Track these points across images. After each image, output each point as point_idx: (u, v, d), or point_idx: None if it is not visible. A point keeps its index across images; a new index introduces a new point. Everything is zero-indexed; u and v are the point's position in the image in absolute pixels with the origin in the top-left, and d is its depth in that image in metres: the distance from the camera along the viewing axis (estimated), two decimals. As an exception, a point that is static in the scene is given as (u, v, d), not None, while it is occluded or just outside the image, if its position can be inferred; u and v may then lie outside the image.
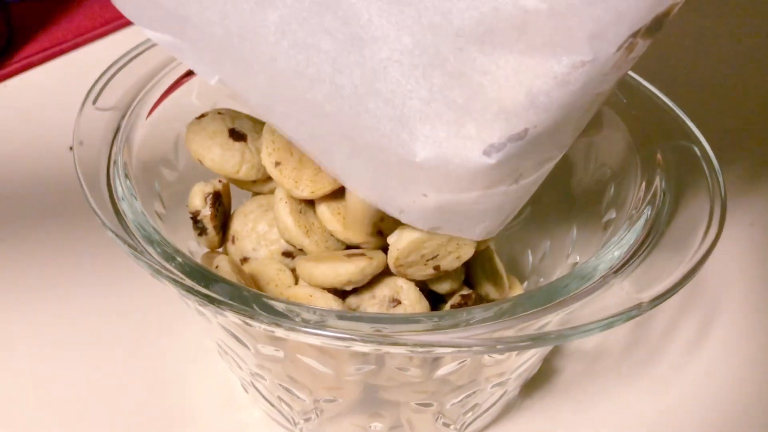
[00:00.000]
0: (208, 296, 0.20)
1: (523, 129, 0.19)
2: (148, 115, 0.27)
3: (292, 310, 0.20)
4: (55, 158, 0.43)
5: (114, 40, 0.55)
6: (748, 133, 0.47)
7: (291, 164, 0.24)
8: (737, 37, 0.58)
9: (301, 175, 0.24)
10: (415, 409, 0.26)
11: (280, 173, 0.24)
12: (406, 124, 0.19)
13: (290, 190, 0.24)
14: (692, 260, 0.21)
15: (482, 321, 0.20)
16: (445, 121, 0.19)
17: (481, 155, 0.19)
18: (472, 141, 0.19)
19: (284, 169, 0.24)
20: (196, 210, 0.26)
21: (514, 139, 0.19)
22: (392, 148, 0.20)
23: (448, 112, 0.19)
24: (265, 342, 0.23)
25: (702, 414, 0.30)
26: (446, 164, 0.19)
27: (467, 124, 0.19)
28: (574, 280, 0.21)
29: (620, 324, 0.20)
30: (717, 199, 0.23)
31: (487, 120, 0.19)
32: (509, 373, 0.25)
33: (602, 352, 0.33)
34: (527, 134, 0.19)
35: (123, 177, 0.24)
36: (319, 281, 0.23)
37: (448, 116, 0.19)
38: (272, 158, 0.24)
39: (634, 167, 0.26)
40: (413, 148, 0.19)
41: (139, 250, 0.22)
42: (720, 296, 0.35)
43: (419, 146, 0.19)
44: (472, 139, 0.19)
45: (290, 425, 0.28)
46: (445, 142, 0.19)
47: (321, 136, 0.21)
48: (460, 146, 0.19)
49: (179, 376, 0.31)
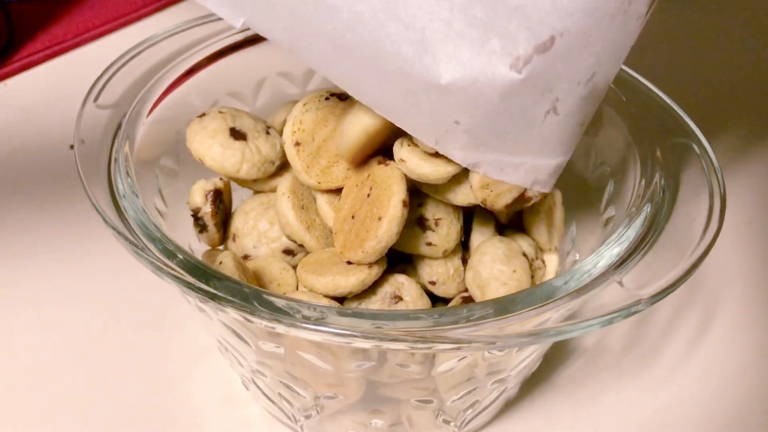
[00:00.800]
0: (209, 293, 0.20)
1: (548, 37, 0.18)
2: (149, 114, 0.27)
3: (292, 306, 0.20)
4: (57, 156, 0.43)
5: (114, 40, 0.55)
6: (747, 132, 0.47)
7: (309, 149, 0.25)
8: (737, 35, 0.58)
9: (315, 163, 0.25)
10: (415, 406, 0.26)
11: (296, 153, 0.24)
12: (429, 47, 0.19)
13: (299, 173, 0.25)
14: (691, 257, 0.21)
15: (482, 318, 0.20)
16: (468, 40, 0.18)
17: (508, 70, 0.19)
18: (497, 56, 0.18)
19: (302, 152, 0.24)
20: (197, 207, 0.26)
21: (541, 49, 0.18)
22: (416, 74, 0.19)
23: (470, 30, 0.18)
24: (265, 339, 0.23)
25: (701, 411, 0.30)
26: (473, 84, 0.19)
27: (491, 40, 0.18)
28: (574, 277, 0.21)
29: (620, 320, 0.20)
30: (716, 197, 0.23)
31: (511, 31, 0.18)
32: (509, 370, 0.25)
33: (602, 350, 0.33)
34: (554, 43, 0.18)
35: (124, 175, 0.24)
36: (320, 292, 0.24)
37: (471, 34, 0.18)
38: (295, 137, 0.25)
39: (634, 165, 0.26)
40: (438, 71, 0.19)
41: (141, 247, 0.22)
42: (719, 293, 0.35)
43: (443, 68, 0.19)
44: (497, 54, 0.18)
45: (291, 422, 0.28)
46: (470, 62, 0.19)
47: (346, 68, 0.21)
48: (485, 63, 0.19)
49: (180, 374, 0.31)
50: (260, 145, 0.27)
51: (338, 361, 0.23)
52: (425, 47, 0.19)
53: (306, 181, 0.25)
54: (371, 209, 0.23)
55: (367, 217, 0.23)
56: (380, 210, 0.23)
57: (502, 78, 0.19)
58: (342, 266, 0.24)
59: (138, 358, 0.32)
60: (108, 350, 0.32)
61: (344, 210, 0.24)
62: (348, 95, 0.26)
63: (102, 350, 0.32)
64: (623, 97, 0.28)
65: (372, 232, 0.23)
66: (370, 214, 0.23)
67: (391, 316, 0.20)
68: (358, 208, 0.24)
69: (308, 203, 0.26)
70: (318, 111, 0.25)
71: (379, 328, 0.19)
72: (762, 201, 0.41)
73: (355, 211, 0.24)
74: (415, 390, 0.25)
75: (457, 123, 0.20)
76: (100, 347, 0.32)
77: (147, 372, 0.31)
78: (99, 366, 0.32)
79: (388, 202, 0.23)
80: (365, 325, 0.19)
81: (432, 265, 0.26)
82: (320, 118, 0.25)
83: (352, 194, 0.24)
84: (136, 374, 0.31)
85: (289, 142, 0.25)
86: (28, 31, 0.55)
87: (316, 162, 0.25)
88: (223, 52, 0.31)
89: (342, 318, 0.19)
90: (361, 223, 0.23)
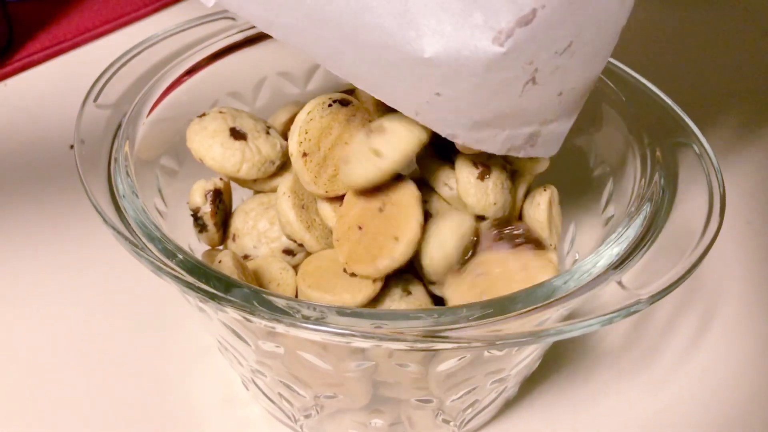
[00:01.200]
0: (208, 293, 0.20)
1: (530, 10, 0.18)
2: (149, 114, 0.27)
3: (292, 306, 0.20)
4: (57, 156, 0.43)
5: (114, 40, 0.55)
6: (747, 132, 0.47)
7: (316, 159, 0.25)
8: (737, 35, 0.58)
9: (322, 172, 0.25)
10: (415, 406, 0.26)
11: (304, 164, 0.24)
12: (412, 20, 0.19)
13: (307, 183, 0.25)
14: (691, 257, 0.21)
15: (482, 317, 0.20)
16: (451, 13, 0.19)
17: (491, 44, 0.19)
18: (480, 30, 0.19)
19: (309, 162, 0.25)
20: (197, 207, 0.26)
21: (522, 22, 0.18)
22: (398, 46, 0.19)
23: (453, 3, 0.19)
24: (265, 338, 0.23)
25: (701, 411, 0.30)
26: (456, 58, 0.19)
27: (474, 13, 0.19)
28: (573, 277, 0.21)
29: (619, 320, 0.20)
30: (716, 197, 0.24)
31: (493, 4, 0.18)
32: (509, 369, 0.25)
33: (601, 349, 0.33)
34: (536, 16, 0.18)
35: (124, 175, 0.24)
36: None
37: (454, 7, 0.19)
38: (302, 148, 0.25)
39: (633, 164, 0.26)
40: (421, 44, 0.19)
41: (140, 247, 0.22)
42: (718, 293, 0.35)
43: (426, 42, 0.19)
44: (479, 28, 0.19)
45: (291, 422, 0.28)
46: (453, 35, 0.19)
47: (325, 41, 0.21)
48: (468, 36, 0.19)
49: (180, 374, 0.31)
50: (260, 145, 0.27)
51: (338, 361, 0.23)
52: (408, 20, 0.19)
53: (314, 192, 0.25)
54: (385, 226, 0.23)
55: (380, 232, 0.23)
56: (397, 229, 0.23)
57: (484, 52, 0.19)
58: (345, 278, 0.24)
59: (138, 358, 0.32)
60: (108, 350, 0.32)
61: (349, 217, 0.24)
62: (349, 100, 0.26)
63: (102, 350, 0.32)
64: (623, 97, 0.28)
65: (386, 250, 0.23)
66: (383, 231, 0.23)
67: (390, 315, 0.20)
68: (368, 220, 0.24)
69: (308, 203, 0.26)
70: (322, 119, 0.25)
71: (378, 328, 0.19)
72: (762, 201, 0.41)
73: (363, 222, 0.24)
74: (415, 390, 0.25)
75: (438, 95, 0.20)
76: (100, 347, 0.32)
77: (147, 372, 0.31)
78: (99, 366, 0.32)
79: (407, 223, 0.23)
80: (365, 325, 0.19)
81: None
82: (324, 126, 0.25)
83: (358, 202, 0.24)
84: (136, 374, 0.31)
85: (296, 154, 0.25)
86: (28, 31, 0.55)
87: (324, 171, 0.25)
88: (223, 52, 0.31)
89: (341, 318, 0.19)
90: (372, 237, 0.23)
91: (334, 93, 0.26)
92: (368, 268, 0.23)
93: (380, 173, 0.23)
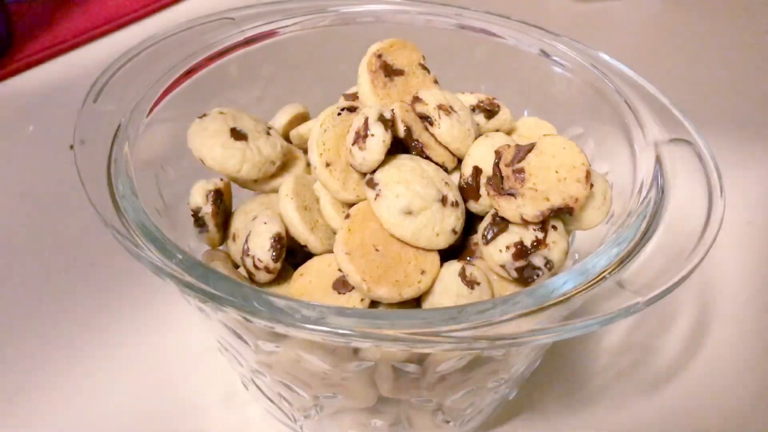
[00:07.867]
0: (208, 293, 0.20)
1: None
2: (149, 114, 0.27)
3: (291, 306, 0.20)
4: (56, 157, 0.43)
5: (114, 40, 0.55)
6: (747, 132, 0.47)
7: (340, 167, 0.25)
8: (737, 35, 0.58)
9: (348, 178, 0.25)
10: (414, 406, 0.26)
11: (330, 174, 0.25)
12: None
13: (336, 192, 0.25)
14: (691, 257, 0.21)
15: (482, 317, 0.20)
16: None
17: None
18: None
19: (334, 171, 0.25)
20: (197, 207, 0.26)
21: None
22: None
23: None
24: (265, 338, 0.23)
25: (701, 411, 0.31)
26: None
27: None
28: (573, 277, 0.21)
29: (619, 320, 0.20)
30: (716, 197, 0.23)
31: None
32: (508, 369, 0.25)
33: (602, 350, 0.33)
34: None
35: (124, 175, 0.24)
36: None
37: None
38: (323, 158, 0.25)
39: (633, 164, 0.26)
40: None
41: (140, 247, 0.22)
42: (718, 293, 0.35)
43: None
44: None
45: (290, 422, 0.28)
46: None
47: None
48: None
49: (180, 374, 0.31)
50: (261, 145, 0.27)
51: (337, 361, 0.23)
52: None
53: (345, 198, 0.25)
54: (408, 256, 0.24)
55: (402, 261, 0.24)
56: (422, 263, 0.24)
57: None
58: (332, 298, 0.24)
59: (138, 359, 0.32)
60: (108, 350, 0.32)
61: (362, 234, 0.24)
62: (356, 107, 0.26)
63: (101, 351, 0.32)
64: (623, 97, 0.28)
65: (412, 278, 0.23)
66: (405, 260, 0.24)
67: (390, 316, 0.20)
68: (384, 242, 0.24)
69: (311, 204, 0.26)
70: (335, 128, 0.25)
71: (378, 328, 0.19)
72: (762, 201, 0.41)
73: (379, 243, 0.24)
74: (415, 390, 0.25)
75: None
76: (100, 347, 0.32)
77: (147, 372, 0.31)
78: (99, 366, 0.32)
79: (434, 259, 0.24)
80: (364, 325, 0.19)
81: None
82: (339, 134, 0.25)
83: (372, 220, 0.24)
84: (136, 374, 0.31)
85: (320, 166, 0.25)
86: (28, 31, 0.55)
87: (349, 177, 0.25)
88: (223, 52, 0.31)
89: (341, 318, 0.19)
90: (393, 261, 0.23)
91: (341, 103, 0.26)
92: (392, 293, 0.23)
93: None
